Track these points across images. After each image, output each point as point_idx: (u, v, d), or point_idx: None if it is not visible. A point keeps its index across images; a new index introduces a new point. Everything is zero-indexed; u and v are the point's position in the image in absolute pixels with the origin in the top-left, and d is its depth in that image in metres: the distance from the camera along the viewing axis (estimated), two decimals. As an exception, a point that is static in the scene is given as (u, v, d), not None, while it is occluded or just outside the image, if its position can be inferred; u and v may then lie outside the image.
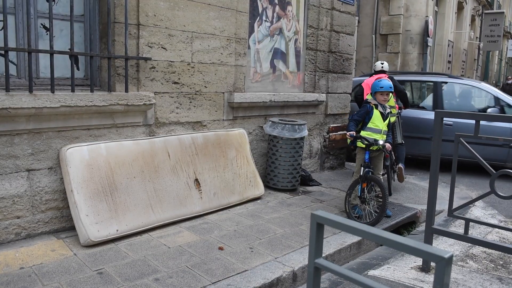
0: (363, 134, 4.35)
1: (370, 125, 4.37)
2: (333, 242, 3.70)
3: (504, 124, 6.57)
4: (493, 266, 3.58)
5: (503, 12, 18.03)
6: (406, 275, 3.33)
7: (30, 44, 3.26)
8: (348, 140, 4.48)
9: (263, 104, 5.28)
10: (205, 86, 4.65)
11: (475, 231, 4.36)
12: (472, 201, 3.53)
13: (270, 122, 5.17)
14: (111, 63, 3.79)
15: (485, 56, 21.17)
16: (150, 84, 4.12)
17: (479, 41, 17.59)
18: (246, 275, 3.00)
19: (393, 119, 4.81)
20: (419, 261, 3.53)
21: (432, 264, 3.41)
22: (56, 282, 2.73)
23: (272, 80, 5.64)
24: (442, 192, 5.61)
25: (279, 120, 5.24)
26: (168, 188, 3.96)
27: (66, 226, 3.60)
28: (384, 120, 4.38)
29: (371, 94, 4.50)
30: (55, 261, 3.04)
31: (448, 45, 13.02)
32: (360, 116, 4.41)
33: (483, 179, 6.77)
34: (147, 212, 3.70)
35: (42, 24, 3.65)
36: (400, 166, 5.55)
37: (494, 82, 24.37)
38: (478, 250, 3.88)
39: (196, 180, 4.24)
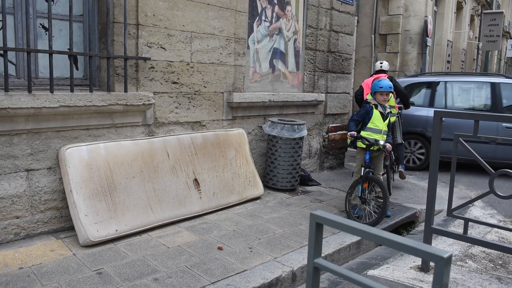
0: (363, 134, 4.35)
1: (370, 125, 4.36)
2: (332, 242, 3.70)
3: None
4: (492, 265, 3.58)
5: (502, 12, 18.03)
6: (405, 275, 3.33)
7: (29, 44, 3.26)
8: (349, 140, 4.48)
9: (262, 104, 5.28)
10: (204, 86, 4.64)
11: (474, 231, 4.36)
12: (471, 201, 3.53)
13: (269, 122, 5.17)
14: (110, 63, 3.79)
15: (484, 56, 21.18)
16: (149, 84, 4.12)
17: (478, 41, 17.60)
18: (245, 275, 3.00)
19: (393, 119, 4.85)
20: (418, 261, 3.54)
21: (431, 264, 3.41)
22: (55, 282, 2.73)
23: (271, 80, 5.64)
24: (441, 192, 5.62)
25: (278, 120, 5.24)
26: (167, 188, 3.96)
27: (65, 226, 3.59)
28: (384, 120, 4.38)
29: (371, 94, 4.50)
30: (54, 261, 3.03)
31: (447, 45, 13.03)
32: (360, 116, 4.41)
33: (483, 179, 6.77)
34: (146, 212, 3.70)
35: (41, 24, 3.65)
36: (401, 170, 5.82)
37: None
38: (477, 250, 3.88)
39: (196, 180, 4.24)
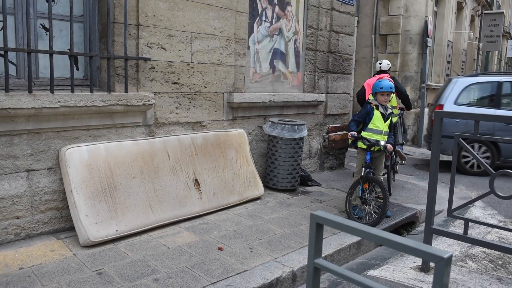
0: (363, 134, 4.35)
1: (370, 125, 4.36)
2: (332, 242, 3.70)
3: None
4: (492, 266, 3.58)
5: (503, 13, 18.02)
6: (405, 275, 3.33)
7: (30, 44, 3.26)
8: (350, 141, 4.48)
9: (262, 105, 5.28)
10: (204, 87, 4.65)
11: (475, 231, 4.36)
12: (472, 201, 3.53)
13: (270, 123, 5.17)
14: (110, 63, 3.79)
15: (484, 56, 21.18)
16: (150, 85, 4.12)
17: (479, 41, 17.58)
18: (245, 275, 3.00)
19: (394, 119, 4.89)
20: (418, 261, 3.53)
21: (432, 264, 3.41)
22: (55, 283, 2.73)
23: (271, 80, 5.64)
24: (442, 192, 5.62)
25: (279, 120, 5.24)
26: (168, 189, 3.96)
27: (65, 227, 3.60)
28: (385, 121, 4.37)
29: (372, 94, 4.50)
30: (55, 261, 3.03)
31: (448, 45, 13.01)
32: (361, 117, 4.41)
33: (483, 179, 6.77)
34: (146, 212, 3.70)
35: (41, 24, 3.65)
36: (399, 149, 5.81)
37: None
38: (477, 250, 3.88)
39: (196, 180, 4.24)
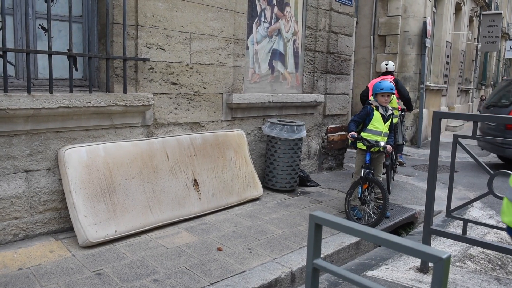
0: (363, 135, 4.35)
1: (370, 126, 4.37)
2: (331, 243, 3.70)
3: None
4: (491, 266, 3.58)
5: (501, 13, 18.06)
6: (404, 275, 3.33)
7: (29, 45, 3.26)
8: (349, 141, 4.49)
9: (261, 105, 5.28)
10: (203, 87, 4.65)
11: (473, 232, 4.37)
12: (470, 201, 3.54)
13: (269, 123, 5.17)
14: (109, 64, 3.79)
15: (483, 57, 21.21)
16: (149, 85, 4.12)
17: (477, 42, 17.62)
18: (244, 275, 3.00)
19: (395, 120, 4.96)
20: (417, 261, 3.54)
21: (431, 264, 3.41)
22: (54, 283, 2.73)
23: (270, 81, 5.64)
24: (440, 192, 5.63)
25: (278, 121, 5.25)
26: (167, 189, 3.96)
27: (64, 227, 3.59)
28: (385, 122, 4.38)
29: (373, 95, 4.51)
30: (54, 262, 3.03)
31: (446, 46, 13.01)
32: (360, 117, 4.41)
33: (481, 180, 6.78)
34: (145, 213, 3.70)
35: (40, 25, 3.65)
36: (400, 160, 6.22)
37: (492, 83, 24.40)
38: (476, 250, 3.88)
39: (195, 181, 4.24)
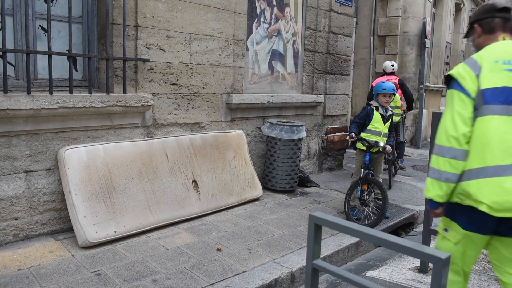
0: (363, 135, 4.36)
1: (370, 127, 4.37)
2: (331, 243, 3.70)
3: None
4: (490, 267, 3.58)
5: (501, 14, 18.08)
6: (404, 276, 3.33)
7: (28, 45, 3.26)
8: (349, 141, 4.49)
9: (261, 106, 5.29)
10: (203, 88, 4.65)
11: (473, 232, 4.36)
12: (470, 202, 3.53)
13: (268, 124, 5.17)
14: (109, 64, 3.79)
15: (482, 57, 21.27)
16: (148, 86, 4.13)
17: (477, 42, 17.67)
18: (244, 276, 3.01)
19: (397, 118, 5.03)
20: (417, 262, 3.54)
21: (430, 265, 3.42)
22: (54, 284, 2.73)
23: (270, 81, 5.65)
24: (440, 193, 5.61)
25: (277, 121, 5.25)
26: (166, 190, 3.96)
27: (64, 228, 3.59)
28: (384, 122, 4.38)
29: (374, 95, 4.50)
30: (53, 262, 3.03)
31: (446, 46, 13.02)
32: (361, 118, 4.41)
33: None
34: (145, 213, 3.70)
35: (40, 25, 3.65)
36: (401, 164, 6.45)
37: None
38: (475, 251, 3.88)
39: (194, 181, 4.24)
